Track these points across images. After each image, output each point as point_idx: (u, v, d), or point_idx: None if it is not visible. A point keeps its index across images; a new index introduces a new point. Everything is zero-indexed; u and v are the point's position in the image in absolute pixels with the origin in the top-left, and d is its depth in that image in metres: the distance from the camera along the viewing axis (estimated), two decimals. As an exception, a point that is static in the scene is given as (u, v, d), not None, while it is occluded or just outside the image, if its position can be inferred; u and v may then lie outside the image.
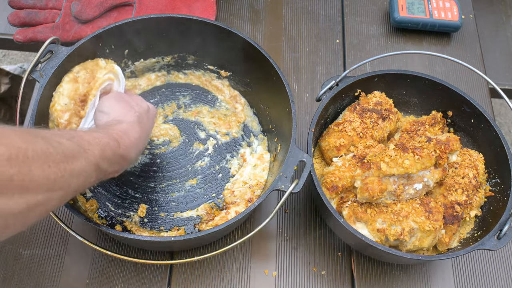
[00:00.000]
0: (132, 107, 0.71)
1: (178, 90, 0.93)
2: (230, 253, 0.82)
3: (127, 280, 0.78)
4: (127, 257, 0.67)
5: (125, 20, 0.81)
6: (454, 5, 1.07)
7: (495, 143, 0.79)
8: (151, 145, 0.87)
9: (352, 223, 0.74)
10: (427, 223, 0.71)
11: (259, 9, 1.10)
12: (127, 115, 0.68)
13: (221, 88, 0.93)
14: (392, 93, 0.87)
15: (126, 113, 0.69)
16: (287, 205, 0.87)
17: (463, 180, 0.77)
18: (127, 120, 0.67)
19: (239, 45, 0.83)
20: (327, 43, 1.06)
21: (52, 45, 0.75)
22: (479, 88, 1.03)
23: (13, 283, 0.77)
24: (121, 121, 0.66)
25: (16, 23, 0.97)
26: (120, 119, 0.67)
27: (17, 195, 0.43)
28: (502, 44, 1.24)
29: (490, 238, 0.71)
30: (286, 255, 0.82)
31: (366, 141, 0.80)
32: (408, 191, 0.73)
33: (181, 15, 0.83)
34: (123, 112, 0.69)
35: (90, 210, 0.79)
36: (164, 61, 0.91)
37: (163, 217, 0.81)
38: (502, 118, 1.99)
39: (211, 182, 0.85)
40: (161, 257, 0.81)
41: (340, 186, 0.76)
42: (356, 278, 0.81)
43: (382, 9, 1.13)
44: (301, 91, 1.00)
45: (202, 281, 0.79)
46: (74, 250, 0.80)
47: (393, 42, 1.08)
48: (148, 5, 1.01)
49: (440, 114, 0.86)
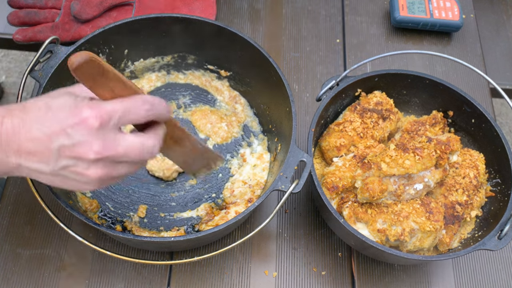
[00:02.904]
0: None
1: (178, 90, 0.92)
2: (230, 253, 0.82)
3: (127, 280, 0.78)
4: (127, 257, 0.67)
5: (125, 19, 0.81)
6: (455, 4, 1.07)
7: (496, 143, 0.79)
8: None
9: (353, 224, 0.74)
10: (427, 224, 0.71)
11: (259, 8, 1.10)
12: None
13: (220, 89, 0.92)
14: (393, 93, 0.87)
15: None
16: (287, 205, 0.87)
17: (463, 180, 0.77)
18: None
19: (239, 45, 0.83)
20: (327, 42, 1.06)
21: (52, 44, 0.75)
22: (479, 88, 1.03)
23: (12, 283, 0.77)
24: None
25: (16, 23, 0.97)
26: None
27: None
28: (503, 43, 1.24)
29: (491, 238, 0.70)
30: (286, 256, 0.82)
31: (367, 141, 0.80)
32: (409, 192, 0.73)
33: (181, 15, 0.82)
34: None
35: (90, 210, 0.79)
36: (164, 61, 0.91)
37: (163, 217, 0.81)
38: (503, 118, 1.99)
39: (211, 182, 0.85)
40: (161, 257, 0.81)
41: (341, 186, 0.75)
42: (356, 279, 0.81)
43: (383, 8, 1.13)
44: (301, 91, 1.00)
45: (202, 281, 0.79)
46: (74, 250, 0.80)
47: (394, 41, 1.08)
48: (148, 4, 1.01)
49: (441, 114, 0.86)
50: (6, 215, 0.82)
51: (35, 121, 0.49)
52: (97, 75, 0.49)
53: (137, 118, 0.52)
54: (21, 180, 0.84)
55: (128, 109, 0.50)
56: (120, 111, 0.50)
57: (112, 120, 0.49)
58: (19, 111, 0.50)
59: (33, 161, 0.50)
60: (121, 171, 0.53)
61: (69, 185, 0.53)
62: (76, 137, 0.49)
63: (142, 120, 0.52)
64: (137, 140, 0.52)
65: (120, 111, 0.50)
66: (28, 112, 0.50)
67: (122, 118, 0.50)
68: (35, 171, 0.51)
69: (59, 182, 0.53)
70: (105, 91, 0.50)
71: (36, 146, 0.49)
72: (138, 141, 0.52)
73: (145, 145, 0.52)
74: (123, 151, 0.51)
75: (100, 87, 0.50)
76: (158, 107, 0.53)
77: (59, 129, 0.49)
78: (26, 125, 0.49)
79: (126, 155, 0.51)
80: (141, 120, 0.52)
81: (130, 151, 0.51)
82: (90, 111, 0.49)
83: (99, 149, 0.49)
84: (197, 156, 0.69)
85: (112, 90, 0.51)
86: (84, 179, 0.52)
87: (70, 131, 0.49)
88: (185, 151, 0.66)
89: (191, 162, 0.70)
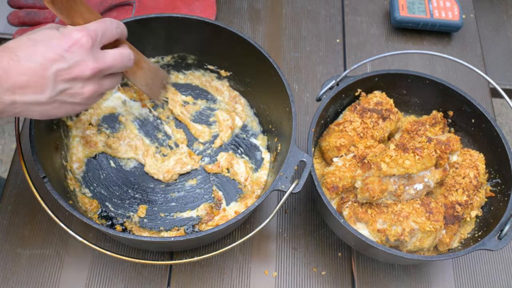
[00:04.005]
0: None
1: (178, 90, 0.92)
2: (230, 253, 0.82)
3: (127, 280, 0.78)
4: (127, 257, 0.67)
5: (125, 20, 0.81)
6: (455, 4, 1.07)
7: (496, 143, 0.79)
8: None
9: (353, 224, 0.74)
10: (427, 224, 0.71)
11: (259, 8, 1.10)
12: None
13: (220, 89, 0.92)
14: (393, 93, 0.87)
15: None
16: (287, 205, 0.87)
17: (463, 180, 0.77)
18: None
19: (239, 45, 0.83)
20: (327, 42, 1.06)
21: (52, 44, 0.75)
22: (479, 88, 1.03)
23: (12, 283, 0.77)
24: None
25: (16, 23, 0.97)
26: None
27: None
28: (503, 43, 1.24)
29: (490, 238, 0.70)
30: (286, 256, 0.82)
31: (367, 141, 0.80)
32: (409, 192, 0.73)
33: (181, 15, 0.82)
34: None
35: (90, 210, 0.79)
36: (164, 61, 0.91)
37: (163, 217, 0.81)
38: (503, 118, 1.99)
39: (211, 182, 0.85)
40: (161, 257, 0.81)
41: (341, 186, 0.75)
42: (356, 279, 0.81)
43: (383, 8, 1.13)
44: (301, 91, 1.00)
45: (202, 281, 0.79)
46: (74, 250, 0.80)
47: (394, 41, 1.08)
48: (148, 4, 1.01)
49: (441, 114, 0.86)
50: (6, 215, 0.82)
51: (25, 56, 0.53)
52: (70, 4, 0.56)
53: (112, 35, 0.59)
54: (21, 180, 0.84)
55: (105, 28, 0.58)
56: (100, 31, 0.57)
57: (98, 39, 0.56)
58: (3, 51, 0.53)
59: (28, 93, 0.54)
60: (108, 84, 0.61)
61: (63, 110, 0.58)
62: (73, 59, 0.54)
63: (115, 37, 0.60)
64: (117, 51, 0.60)
65: (101, 31, 0.57)
66: (14, 50, 0.53)
67: (104, 36, 0.57)
68: (31, 103, 0.55)
69: (54, 110, 0.57)
70: (78, 18, 0.58)
71: (30, 78, 0.53)
72: (118, 52, 0.60)
73: (124, 54, 0.61)
74: (111, 62, 0.58)
75: (73, 15, 0.57)
76: (121, 25, 0.62)
77: (54, 55, 0.53)
78: (15, 62, 0.52)
79: (113, 65, 0.59)
80: (114, 37, 0.60)
81: (116, 61, 0.59)
82: (80, 33, 0.55)
83: (94, 65, 0.56)
84: (153, 76, 0.76)
85: (83, 16, 0.58)
86: (78, 99, 0.57)
87: (66, 54, 0.54)
88: (144, 73, 0.72)
89: (152, 84, 0.76)
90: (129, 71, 0.68)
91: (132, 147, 0.85)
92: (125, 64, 0.61)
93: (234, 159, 0.85)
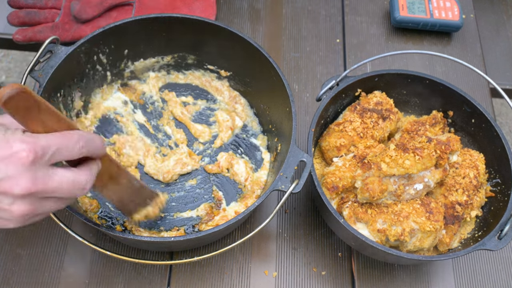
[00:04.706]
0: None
1: (178, 90, 0.92)
2: (230, 253, 0.82)
3: (127, 280, 0.78)
4: (127, 258, 0.67)
5: (125, 20, 0.81)
6: (455, 4, 1.07)
7: (496, 143, 0.79)
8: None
9: (353, 224, 0.74)
10: (427, 224, 0.71)
11: (259, 8, 1.10)
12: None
13: (220, 89, 0.92)
14: (393, 93, 0.87)
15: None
16: (287, 205, 0.87)
17: (463, 180, 0.77)
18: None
19: (239, 45, 0.83)
20: (327, 42, 1.06)
21: (52, 44, 0.75)
22: (479, 88, 1.03)
23: (12, 283, 0.77)
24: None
25: (16, 23, 0.97)
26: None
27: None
28: (503, 43, 1.24)
29: (491, 238, 0.70)
30: (286, 256, 0.82)
31: (367, 141, 0.80)
32: (409, 192, 0.73)
33: (181, 15, 0.82)
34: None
35: (90, 210, 0.79)
36: (164, 61, 0.91)
37: (163, 217, 0.81)
38: (503, 118, 1.99)
39: (211, 182, 0.85)
40: (161, 257, 0.81)
41: (341, 186, 0.75)
42: (356, 279, 0.81)
43: (383, 8, 1.13)
44: (301, 91, 1.00)
45: (202, 281, 0.79)
46: (74, 250, 0.80)
47: (394, 41, 1.08)
48: (148, 4, 1.01)
49: (441, 114, 0.86)
50: (6, 215, 0.82)
51: None
52: (28, 108, 0.46)
53: (71, 154, 0.50)
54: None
55: (62, 145, 0.48)
56: (55, 146, 0.48)
57: (45, 156, 0.47)
58: None
59: None
60: (47, 208, 0.51)
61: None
62: (4, 172, 0.46)
63: (76, 157, 0.51)
64: (69, 175, 0.50)
65: (55, 147, 0.48)
66: None
67: (56, 154, 0.48)
68: None
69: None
70: (37, 124, 0.48)
71: None
72: (71, 176, 0.50)
73: (76, 181, 0.51)
74: (54, 186, 0.49)
75: (31, 121, 0.48)
76: (93, 144, 0.52)
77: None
78: None
79: (57, 190, 0.49)
80: (74, 157, 0.50)
81: (61, 187, 0.49)
82: (23, 145, 0.46)
83: (27, 185, 0.47)
84: (133, 194, 0.68)
85: (44, 124, 0.48)
86: (6, 216, 0.49)
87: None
88: (121, 189, 0.65)
89: (127, 201, 0.68)
90: (97, 183, 0.57)
91: (133, 148, 0.85)
92: (74, 193, 0.51)
93: (234, 159, 0.85)
